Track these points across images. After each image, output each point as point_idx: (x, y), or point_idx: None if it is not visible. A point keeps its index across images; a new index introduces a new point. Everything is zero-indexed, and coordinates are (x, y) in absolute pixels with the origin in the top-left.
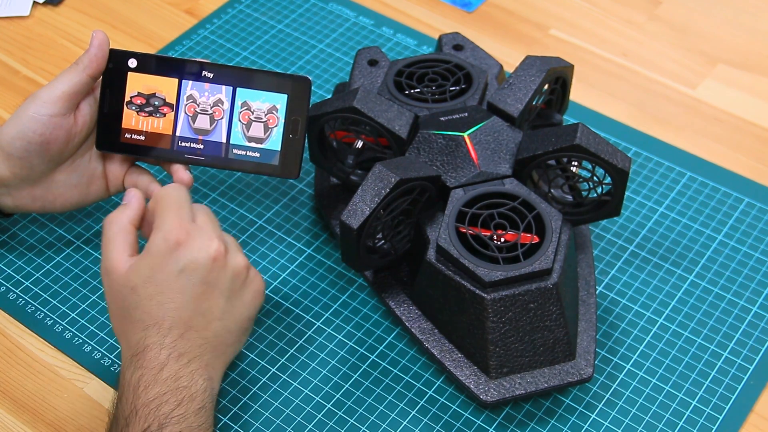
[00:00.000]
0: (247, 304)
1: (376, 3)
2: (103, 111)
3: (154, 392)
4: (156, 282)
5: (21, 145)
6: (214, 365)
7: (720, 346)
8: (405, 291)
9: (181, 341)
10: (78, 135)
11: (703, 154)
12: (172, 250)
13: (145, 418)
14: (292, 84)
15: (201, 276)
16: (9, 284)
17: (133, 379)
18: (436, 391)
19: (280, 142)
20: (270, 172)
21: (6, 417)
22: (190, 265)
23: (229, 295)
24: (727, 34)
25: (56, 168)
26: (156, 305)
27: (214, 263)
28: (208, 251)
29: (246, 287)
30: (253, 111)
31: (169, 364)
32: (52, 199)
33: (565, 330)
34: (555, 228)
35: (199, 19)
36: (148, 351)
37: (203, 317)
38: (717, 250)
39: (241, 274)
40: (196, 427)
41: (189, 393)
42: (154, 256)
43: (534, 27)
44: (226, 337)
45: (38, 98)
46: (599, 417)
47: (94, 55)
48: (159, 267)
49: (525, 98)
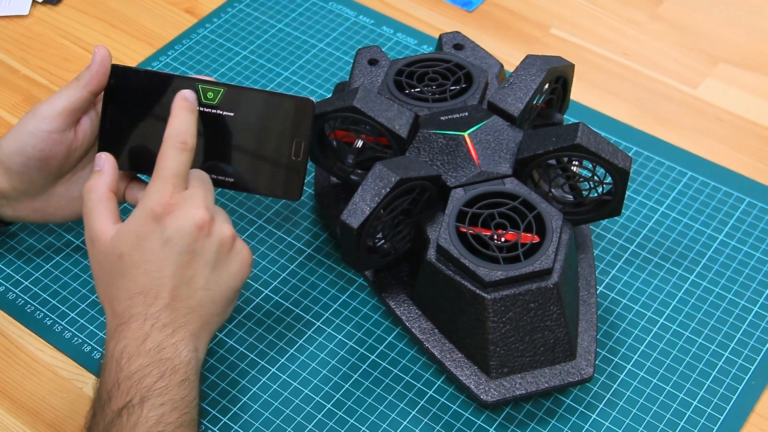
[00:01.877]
0: (233, 275)
1: (376, 2)
2: (105, 127)
3: (137, 364)
4: (142, 250)
5: (20, 160)
6: (199, 335)
7: (721, 346)
8: (405, 291)
9: (166, 311)
10: (78, 150)
11: (704, 153)
12: (159, 218)
13: (126, 391)
14: (295, 105)
15: (186, 244)
16: (8, 284)
17: (116, 351)
18: (437, 391)
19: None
20: (271, 194)
21: (5, 417)
22: (176, 233)
23: (214, 264)
24: (728, 33)
25: (56, 181)
26: (142, 273)
27: (200, 231)
28: (194, 219)
29: (232, 257)
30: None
31: (152, 334)
32: (53, 211)
33: (565, 330)
34: (555, 228)
35: (198, 18)
36: (132, 321)
37: (188, 286)
38: (718, 250)
39: (227, 243)
40: (179, 400)
41: (172, 365)
42: (141, 223)
43: (534, 26)
44: (211, 307)
45: (38, 113)
46: (600, 417)
47: (96, 72)
48: (145, 235)
49: (525, 98)
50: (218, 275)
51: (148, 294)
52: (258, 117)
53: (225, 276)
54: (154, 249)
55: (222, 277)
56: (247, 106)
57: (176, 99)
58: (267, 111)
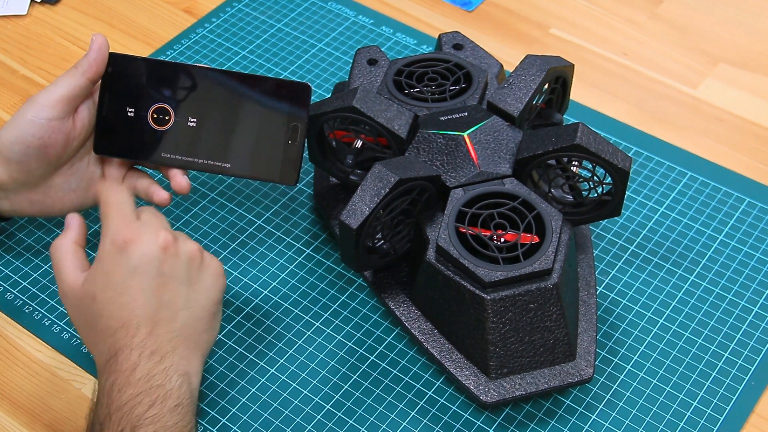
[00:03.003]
0: (208, 288)
1: (376, 2)
2: (102, 115)
3: (128, 395)
4: (113, 285)
5: (20, 149)
6: (189, 358)
7: (721, 347)
8: (404, 291)
9: (150, 338)
10: (76, 139)
11: (704, 153)
12: (122, 250)
13: (118, 422)
14: (292, 89)
15: (155, 268)
16: (6, 284)
17: (107, 384)
18: (436, 392)
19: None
20: (267, 178)
21: (4, 418)
22: (142, 260)
23: (188, 282)
24: (728, 33)
25: (54, 172)
26: (119, 307)
27: (165, 253)
28: (157, 242)
29: (203, 271)
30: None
31: (141, 364)
32: (51, 203)
33: (565, 330)
34: (555, 228)
35: (197, 18)
36: (120, 354)
37: (168, 309)
38: (718, 251)
39: (195, 258)
40: (172, 426)
41: (163, 392)
42: (106, 260)
43: (534, 26)
44: (196, 326)
45: (37, 102)
46: (599, 418)
47: (94, 59)
48: (113, 270)
49: (525, 98)
50: (195, 292)
51: (129, 326)
52: (255, 101)
53: (202, 291)
54: (125, 280)
55: (199, 293)
56: (243, 91)
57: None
58: (264, 95)
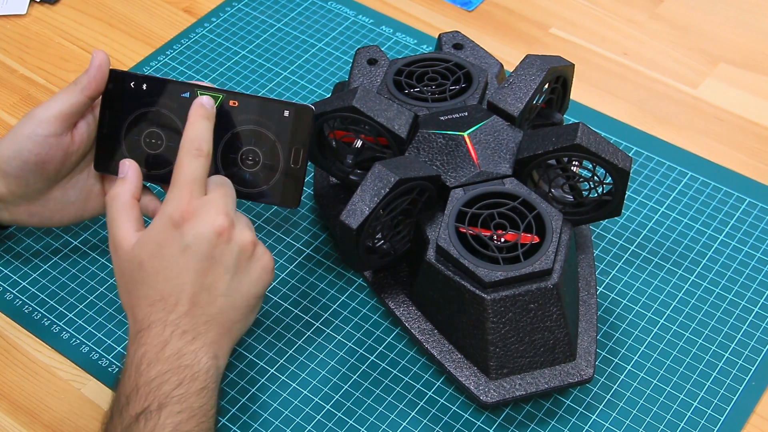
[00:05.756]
0: (253, 281)
1: (376, 1)
2: (102, 132)
3: (156, 370)
4: (162, 258)
5: (17, 164)
6: (220, 343)
7: (721, 347)
8: (404, 291)
9: (186, 318)
10: (75, 154)
11: (704, 153)
12: (178, 225)
13: (145, 396)
14: (294, 112)
15: (205, 250)
16: (6, 285)
17: (136, 357)
18: (436, 392)
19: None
20: (269, 201)
21: (3, 419)
22: (194, 240)
23: (234, 271)
24: (728, 33)
25: (53, 185)
26: (162, 280)
27: (219, 238)
28: (213, 225)
29: (252, 264)
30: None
31: (172, 341)
32: (50, 215)
33: (565, 330)
34: (555, 228)
35: (197, 18)
36: (153, 328)
37: (208, 293)
38: (718, 251)
39: (247, 249)
40: (197, 408)
41: (191, 372)
42: (160, 230)
43: (534, 26)
44: (232, 314)
45: (34, 117)
46: (600, 418)
47: (93, 76)
48: (165, 242)
49: (525, 97)
50: (239, 282)
51: (168, 301)
52: (256, 123)
53: (246, 283)
54: (174, 256)
55: (242, 283)
56: (245, 112)
57: (193, 106)
58: (265, 118)
